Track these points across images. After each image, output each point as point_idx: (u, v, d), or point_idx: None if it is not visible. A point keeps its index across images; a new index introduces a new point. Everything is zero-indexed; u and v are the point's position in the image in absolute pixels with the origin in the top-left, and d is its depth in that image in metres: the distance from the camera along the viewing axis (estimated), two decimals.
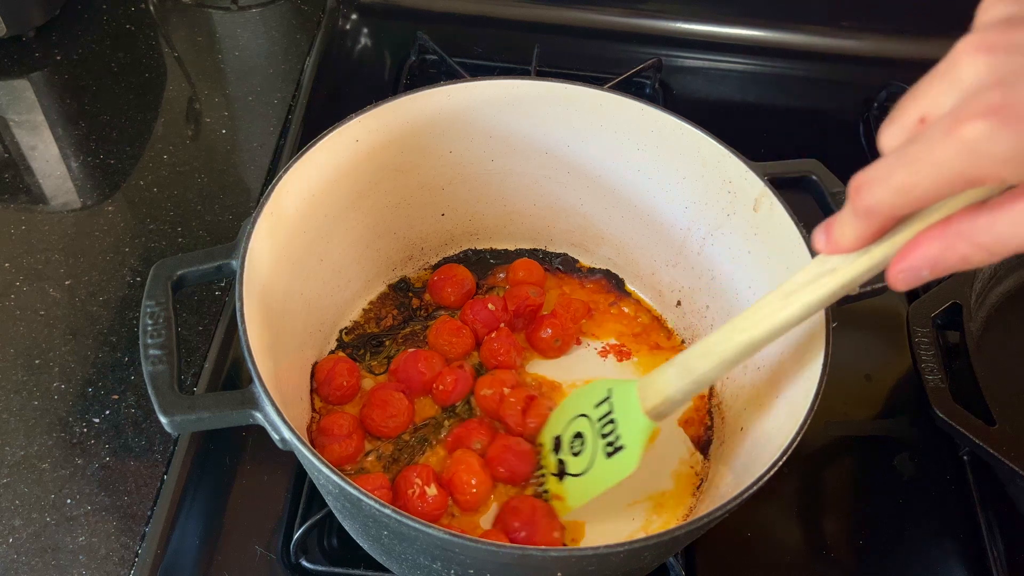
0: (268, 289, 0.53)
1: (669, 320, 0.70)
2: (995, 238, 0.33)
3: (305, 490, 0.60)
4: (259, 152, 0.80)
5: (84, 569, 0.56)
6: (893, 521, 0.63)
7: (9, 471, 0.59)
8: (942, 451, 0.66)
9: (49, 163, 0.77)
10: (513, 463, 0.58)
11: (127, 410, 0.63)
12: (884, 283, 0.54)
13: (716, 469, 0.60)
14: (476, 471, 0.57)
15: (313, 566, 0.57)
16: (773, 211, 0.57)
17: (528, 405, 0.61)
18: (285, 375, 0.56)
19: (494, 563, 0.45)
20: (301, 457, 0.46)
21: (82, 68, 0.85)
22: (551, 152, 0.66)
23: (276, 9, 0.93)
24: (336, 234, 0.62)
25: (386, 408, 0.60)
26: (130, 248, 0.72)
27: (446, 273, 0.69)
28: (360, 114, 0.59)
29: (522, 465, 0.59)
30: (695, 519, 0.44)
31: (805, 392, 0.50)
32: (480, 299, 0.67)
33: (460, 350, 0.65)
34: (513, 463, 0.58)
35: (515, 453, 0.59)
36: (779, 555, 0.61)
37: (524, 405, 0.61)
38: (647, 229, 0.68)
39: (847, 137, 0.89)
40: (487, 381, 0.63)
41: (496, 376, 0.63)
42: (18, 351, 0.65)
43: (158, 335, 0.48)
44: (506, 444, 0.59)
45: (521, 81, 0.62)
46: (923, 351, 0.61)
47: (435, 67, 0.91)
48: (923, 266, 0.35)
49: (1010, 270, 0.74)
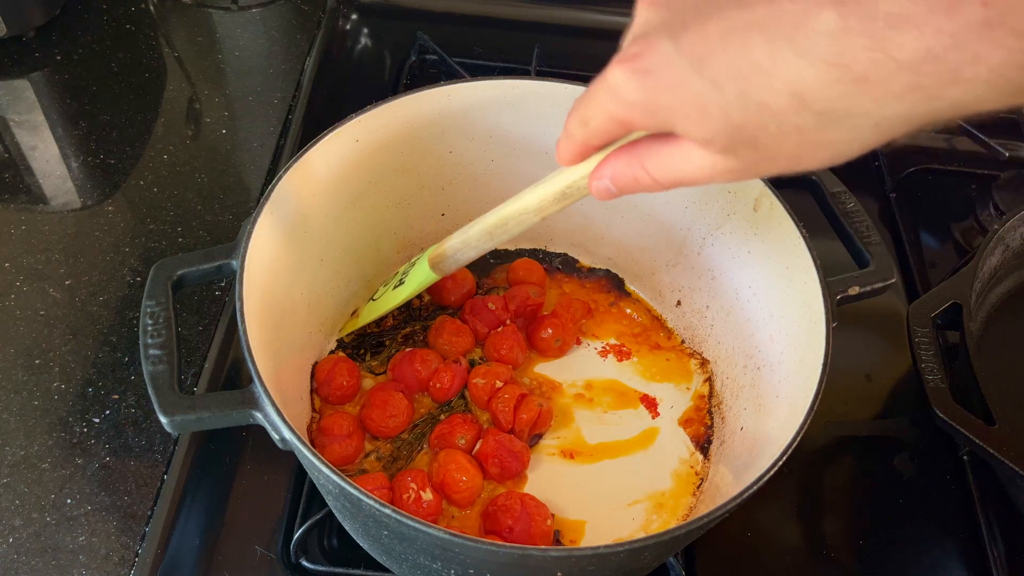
0: (268, 289, 0.53)
1: (669, 320, 0.70)
2: (658, 166, 0.38)
3: (305, 490, 0.60)
4: (259, 152, 0.80)
5: (84, 569, 0.56)
6: (893, 521, 0.63)
7: (9, 471, 0.59)
8: (942, 451, 0.66)
9: (49, 163, 0.77)
10: (507, 460, 0.59)
11: (127, 410, 0.63)
12: (882, 284, 0.54)
13: (716, 469, 0.60)
14: (465, 468, 0.58)
15: (313, 566, 0.57)
16: (773, 211, 0.57)
17: (520, 402, 0.61)
18: (285, 375, 0.56)
19: (494, 563, 0.45)
20: (301, 457, 0.46)
21: (82, 68, 0.85)
22: (551, 152, 0.65)
23: (276, 9, 0.93)
24: (336, 234, 0.62)
25: (386, 408, 0.60)
26: (130, 248, 0.72)
27: None
28: (360, 114, 0.59)
29: (515, 463, 0.59)
30: (695, 519, 0.44)
31: (805, 392, 0.50)
32: (481, 299, 0.67)
33: (460, 350, 0.65)
34: (507, 460, 0.59)
35: (508, 451, 0.59)
36: (779, 555, 0.61)
37: (516, 402, 0.61)
38: (647, 229, 0.68)
39: None
40: (481, 371, 0.63)
41: (491, 368, 0.63)
42: (18, 351, 0.65)
43: (158, 335, 0.48)
44: (499, 441, 0.59)
45: (521, 81, 0.62)
46: (923, 351, 0.61)
47: (435, 67, 0.91)
48: (607, 176, 0.41)
49: (1010, 270, 0.74)
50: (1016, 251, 0.72)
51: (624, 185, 0.41)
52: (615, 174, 0.41)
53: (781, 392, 0.55)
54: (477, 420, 0.62)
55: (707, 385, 0.66)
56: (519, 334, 0.66)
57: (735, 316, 0.63)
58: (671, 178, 0.38)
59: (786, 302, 0.57)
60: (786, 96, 0.31)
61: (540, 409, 0.61)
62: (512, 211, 0.51)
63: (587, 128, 0.39)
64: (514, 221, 0.52)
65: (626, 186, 0.41)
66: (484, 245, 0.55)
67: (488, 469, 0.59)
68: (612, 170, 0.41)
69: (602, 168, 0.41)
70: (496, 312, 0.66)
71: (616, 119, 0.37)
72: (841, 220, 0.58)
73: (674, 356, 0.68)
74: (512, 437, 0.60)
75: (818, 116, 0.32)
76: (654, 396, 0.66)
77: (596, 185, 0.42)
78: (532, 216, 0.50)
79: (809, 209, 0.59)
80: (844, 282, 0.55)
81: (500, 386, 0.62)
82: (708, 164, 0.36)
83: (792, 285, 0.56)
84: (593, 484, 0.61)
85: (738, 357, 0.62)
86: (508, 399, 0.61)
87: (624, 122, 0.37)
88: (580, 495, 0.60)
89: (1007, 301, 0.74)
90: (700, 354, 0.67)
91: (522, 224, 0.52)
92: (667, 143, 0.37)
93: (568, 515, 0.59)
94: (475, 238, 0.55)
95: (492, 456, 0.59)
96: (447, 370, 0.62)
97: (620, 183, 0.41)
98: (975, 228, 0.81)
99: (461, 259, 0.58)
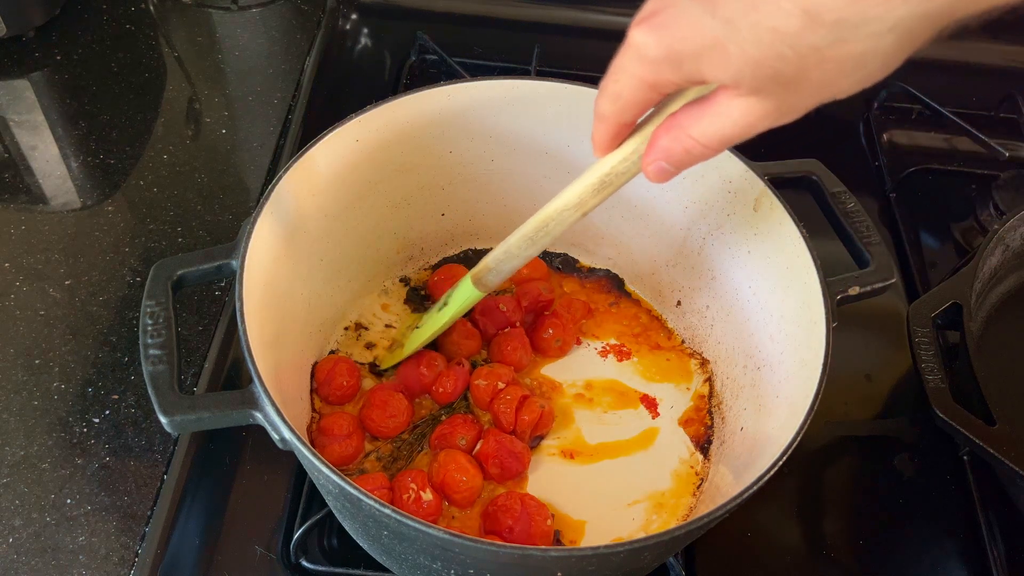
0: (268, 289, 0.54)
1: (669, 320, 0.70)
2: (702, 131, 0.38)
3: (305, 490, 0.60)
4: (259, 152, 0.80)
5: (84, 569, 0.56)
6: (893, 521, 0.63)
7: (9, 471, 0.59)
8: (942, 451, 0.66)
9: (49, 163, 0.77)
10: (507, 461, 0.58)
11: (127, 410, 0.63)
12: (882, 284, 0.54)
13: (716, 469, 0.60)
14: (465, 467, 0.58)
15: (313, 566, 0.57)
16: (773, 211, 0.57)
17: (522, 403, 0.61)
18: (285, 375, 0.56)
19: (494, 563, 0.45)
20: (301, 457, 0.46)
21: (82, 68, 0.85)
22: (551, 152, 0.66)
23: (276, 9, 0.93)
24: (336, 234, 0.62)
25: (386, 408, 0.60)
26: (130, 248, 0.72)
27: (446, 273, 0.69)
28: (360, 114, 0.59)
29: (516, 464, 0.59)
30: (695, 519, 0.44)
31: (805, 392, 0.50)
32: (492, 299, 0.66)
33: (468, 351, 0.65)
34: (507, 461, 0.58)
35: (509, 451, 0.59)
36: (779, 555, 0.61)
37: (518, 403, 0.61)
38: (647, 229, 0.68)
39: (847, 137, 0.89)
40: (483, 372, 0.63)
41: (493, 369, 0.63)
42: (18, 351, 0.65)
43: (158, 335, 0.48)
44: (499, 441, 0.59)
45: (521, 81, 0.62)
46: (923, 351, 0.61)
47: (435, 67, 0.91)
48: (660, 157, 0.41)
49: (1010, 270, 0.74)
50: (1016, 251, 0.72)
51: (677, 160, 0.41)
52: (665, 152, 0.41)
53: (781, 392, 0.55)
54: (478, 421, 0.62)
55: (707, 385, 0.66)
56: (525, 337, 0.66)
57: (735, 316, 0.63)
58: (717, 138, 0.38)
59: (786, 302, 0.57)
60: (796, 16, 0.32)
61: (542, 411, 0.61)
62: (551, 211, 0.51)
63: (619, 102, 0.40)
64: (555, 222, 0.51)
65: (679, 160, 0.41)
66: (526, 252, 0.55)
67: (488, 469, 0.59)
68: (661, 150, 0.41)
69: (651, 151, 0.41)
70: (506, 313, 0.65)
71: (646, 82, 0.38)
72: (841, 220, 0.58)
73: (674, 356, 0.68)
74: (513, 438, 0.60)
75: (831, 29, 0.32)
76: (654, 396, 0.66)
77: (651, 169, 0.42)
78: (573, 212, 0.50)
79: (809, 209, 0.59)
80: (844, 282, 0.55)
81: (502, 387, 0.62)
82: (745, 111, 0.37)
83: (792, 285, 0.56)
84: (593, 484, 0.61)
85: (738, 357, 0.62)
86: (510, 400, 0.61)
87: (654, 83, 0.38)
88: (580, 495, 0.60)
89: (1007, 301, 0.74)
90: (700, 354, 0.67)
91: (563, 223, 0.51)
92: (703, 106, 0.38)
93: (568, 515, 0.59)
94: (516, 246, 0.54)
95: (493, 456, 0.59)
96: (450, 374, 0.62)
97: (673, 159, 0.41)
98: (975, 228, 0.81)
99: (504, 270, 0.57)
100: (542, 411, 0.61)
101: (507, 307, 0.66)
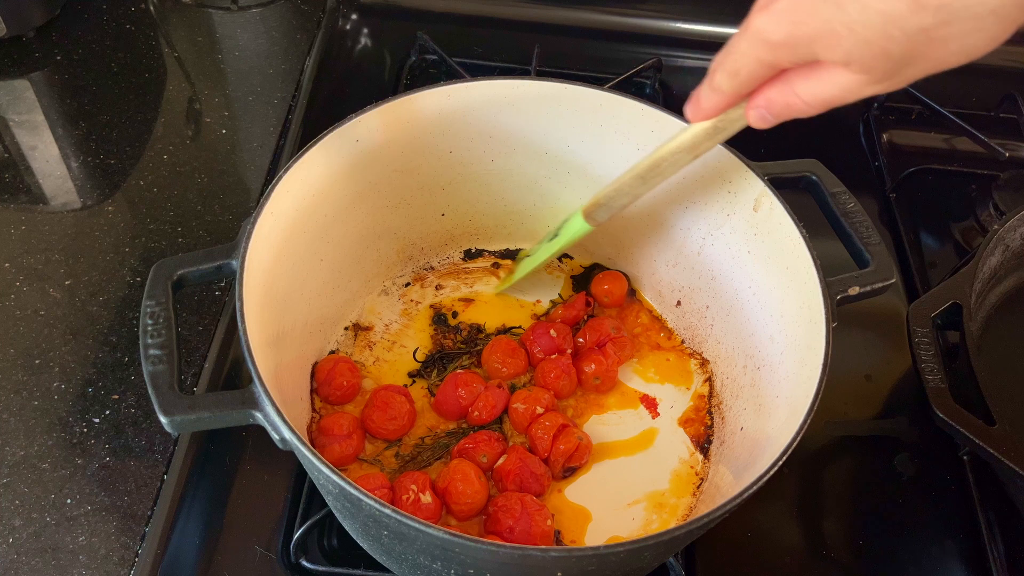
0: (268, 289, 0.53)
1: (669, 320, 0.70)
2: (808, 91, 0.42)
3: (305, 490, 0.60)
4: (259, 152, 0.80)
5: (84, 569, 0.56)
6: (893, 521, 0.63)
7: (9, 471, 0.59)
8: (942, 451, 0.66)
9: (49, 163, 0.77)
10: (527, 481, 0.58)
11: (127, 410, 0.63)
12: (882, 284, 0.54)
13: (716, 469, 0.60)
14: (471, 481, 0.56)
15: (313, 566, 0.57)
16: (773, 211, 0.57)
17: (560, 432, 0.60)
18: (285, 375, 0.56)
19: (494, 563, 0.45)
20: (301, 457, 0.46)
21: (82, 68, 0.85)
22: (551, 152, 0.66)
23: (276, 9, 0.93)
24: (336, 234, 0.62)
25: (387, 409, 0.60)
26: (130, 248, 0.72)
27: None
28: (360, 114, 0.59)
29: (535, 485, 0.58)
30: (695, 519, 0.44)
31: (805, 392, 0.50)
32: (544, 324, 0.65)
33: (511, 372, 0.64)
34: (527, 481, 0.58)
35: (531, 473, 0.58)
36: (779, 555, 0.61)
37: (556, 431, 0.60)
38: (647, 229, 0.68)
39: (847, 137, 0.89)
40: (522, 396, 0.62)
41: (532, 393, 0.62)
42: (18, 351, 0.65)
43: (158, 335, 0.48)
44: (523, 460, 0.58)
45: (521, 81, 0.62)
46: (923, 351, 0.61)
47: (435, 67, 0.91)
48: (763, 105, 0.45)
49: (1010, 270, 0.74)
50: (1016, 251, 0.72)
51: (779, 111, 0.45)
52: (770, 102, 0.44)
53: (781, 392, 0.55)
54: (504, 439, 0.61)
55: (707, 385, 0.66)
56: (572, 366, 0.64)
57: (735, 316, 0.63)
58: (821, 100, 0.42)
59: (786, 302, 0.57)
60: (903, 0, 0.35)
61: (579, 443, 0.60)
62: (666, 151, 0.53)
63: (737, 78, 0.44)
64: (667, 162, 0.54)
65: (781, 112, 0.45)
66: (638, 190, 0.57)
67: (507, 486, 0.58)
68: (766, 99, 0.45)
69: (756, 99, 0.45)
70: (556, 340, 0.64)
71: (765, 62, 0.42)
72: (841, 220, 0.58)
73: (674, 356, 0.68)
74: (537, 459, 0.59)
75: (935, 13, 0.35)
76: (654, 396, 0.66)
77: (753, 114, 0.46)
78: (686, 155, 0.52)
79: (809, 209, 0.59)
80: (844, 282, 0.55)
81: (540, 412, 0.61)
82: (854, 82, 0.40)
83: (792, 285, 0.56)
84: (593, 484, 0.61)
85: (738, 357, 0.62)
86: (548, 427, 0.60)
87: (772, 63, 0.42)
88: (580, 495, 0.60)
89: (1007, 301, 0.74)
90: (700, 354, 0.67)
91: (676, 164, 0.54)
92: (815, 69, 0.41)
93: (568, 515, 0.59)
94: (628, 183, 0.57)
95: (514, 474, 0.58)
96: (488, 396, 0.61)
97: (775, 110, 0.45)
98: (975, 228, 0.81)
99: (615, 206, 0.59)
100: (579, 443, 0.60)
101: (558, 333, 0.65)
